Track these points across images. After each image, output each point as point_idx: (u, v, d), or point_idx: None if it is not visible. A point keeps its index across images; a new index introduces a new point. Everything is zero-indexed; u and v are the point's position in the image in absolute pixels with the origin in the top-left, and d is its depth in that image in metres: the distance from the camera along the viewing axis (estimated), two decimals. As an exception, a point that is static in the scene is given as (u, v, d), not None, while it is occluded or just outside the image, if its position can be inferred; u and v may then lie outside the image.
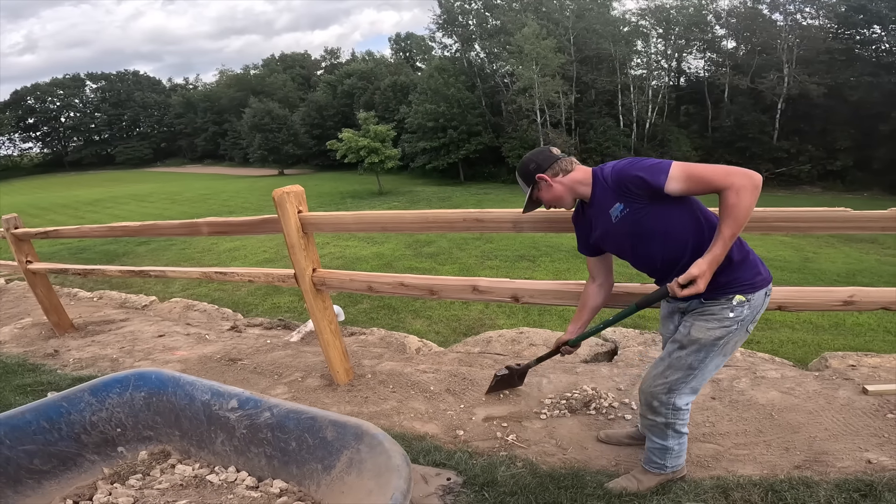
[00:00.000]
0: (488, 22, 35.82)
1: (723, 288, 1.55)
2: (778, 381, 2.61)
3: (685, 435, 1.77)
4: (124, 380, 1.67)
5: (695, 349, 1.59)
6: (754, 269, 1.59)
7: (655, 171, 1.49)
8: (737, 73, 31.33)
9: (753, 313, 1.57)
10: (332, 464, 1.31)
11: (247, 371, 3.26)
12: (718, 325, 1.56)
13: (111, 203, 26.29)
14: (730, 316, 1.55)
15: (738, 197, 1.39)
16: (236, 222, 2.93)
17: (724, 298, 1.55)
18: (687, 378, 1.63)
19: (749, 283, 1.56)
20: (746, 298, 1.55)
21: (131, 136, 67.91)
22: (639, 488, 1.79)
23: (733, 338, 1.58)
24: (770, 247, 12.88)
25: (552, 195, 1.67)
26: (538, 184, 1.67)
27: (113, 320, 4.76)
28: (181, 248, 13.01)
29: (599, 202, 1.62)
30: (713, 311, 1.57)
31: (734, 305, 1.54)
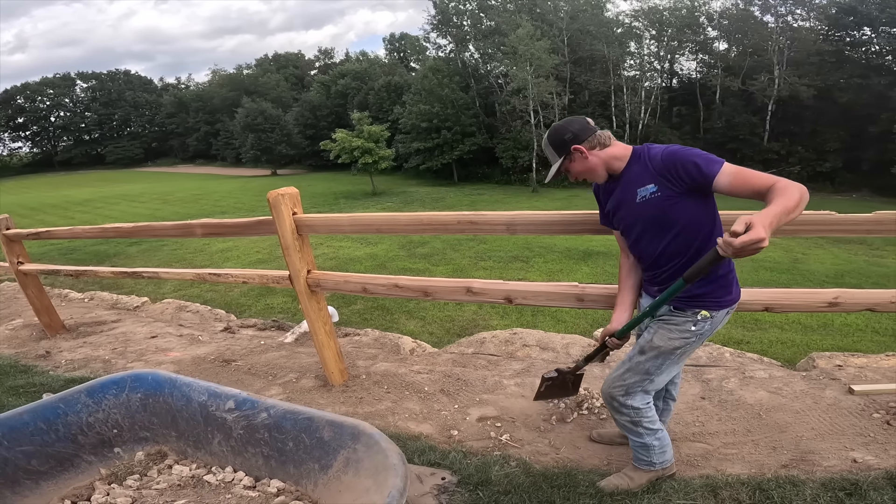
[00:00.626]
0: (483, 23, 35.90)
1: (693, 300, 1.58)
2: (766, 380, 2.66)
3: (660, 431, 1.81)
4: (121, 381, 1.67)
5: (653, 355, 1.65)
6: (728, 287, 1.61)
7: (710, 161, 1.46)
8: (728, 75, 31.60)
9: (713, 328, 1.62)
10: (330, 463, 1.32)
11: (241, 372, 3.27)
12: (679, 336, 1.61)
13: (101, 203, 26.06)
14: (691, 329, 1.59)
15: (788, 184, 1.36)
16: (231, 224, 2.93)
17: (690, 312, 1.59)
18: (643, 382, 1.69)
19: (717, 301, 1.59)
20: (710, 315, 1.59)
21: (122, 136, 67.32)
22: (630, 486, 1.82)
23: (689, 349, 1.65)
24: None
25: (586, 167, 1.62)
26: (572, 154, 1.61)
27: (105, 321, 4.74)
28: (173, 249, 12.94)
29: (630, 179, 1.59)
30: (677, 321, 1.61)
31: (698, 320, 1.59)
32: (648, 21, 33.61)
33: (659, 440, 1.81)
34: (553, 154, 1.64)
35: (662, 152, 1.54)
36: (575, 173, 1.65)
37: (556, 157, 1.63)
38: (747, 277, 10.09)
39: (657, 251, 1.61)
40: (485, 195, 26.91)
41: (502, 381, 2.82)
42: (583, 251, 11.98)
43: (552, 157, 1.65)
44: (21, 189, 41.17)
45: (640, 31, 34.21)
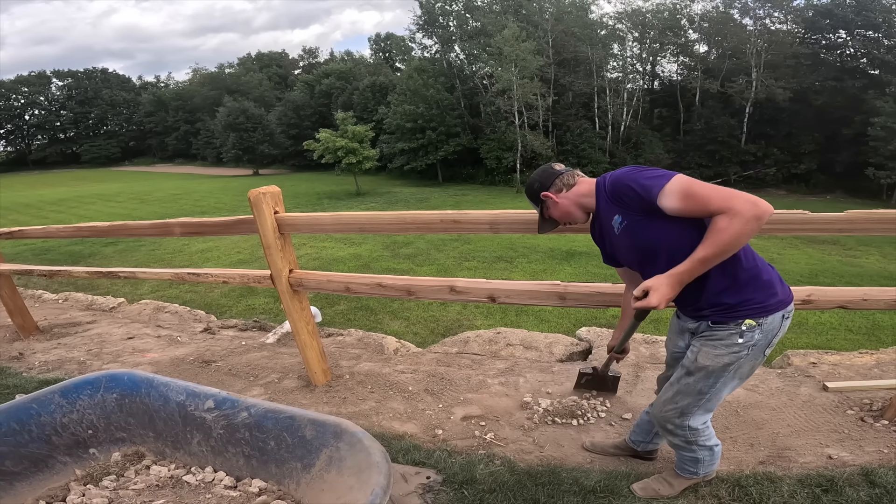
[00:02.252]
0: (468, 23, 35.99)
1: (731, 310, 1.46)
2: None
3: (717, 444, 1.74)
4: (95, 381, 1.65)
5: (703, 375, 1.53)
6: (768, 289, 1.47)
7: (650, 183, 1.40)
8: (708, 77, 32.20)
9: (768, 337, 1.47)
10: (312, 462, 1.32)
11: (221, 373, 3.22)
12: (727, 350, 1.47)
13: (76, 203, 25.42)
14: (739, 342, 1.46)
15: (729, 222, 1.28)
16: (210, 223, 2.88)
17: (733, 323, 1.46)
18: (698, 402, 1.58)
19: (760, 306, 1.45)
20: (757, 322, 1.44)
21: (98, 135, 65.84)
22: (670, 492, 1.78)
23: (746, 363, 1.50)
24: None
25: (560, 211, 1.65)
26: (545, 202, 1.65)
27: (79, 322, 4.63)
28: (150, 249, 12.69)
29: (604, 214, 1.56)
30: (720, 336, 1.48)
31: (743, 331, 1.45)
32: (631, 23, 34.07)
33: (712, 454, 1.74)
34: (533, 205, 1.72)
35: (609, 180, 1.52)
36: (557, 218, 1.68)
37: (535, 208, 1.72)
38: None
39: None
40: (469, 196, 26.97)
41: (486, 381, 2.83)
42: (566, 251, 12.09)
43: (534, 208, 1.73)
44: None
45: (623, 34, 34.68)
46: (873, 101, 26.10)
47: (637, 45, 35.31)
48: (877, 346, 5.53)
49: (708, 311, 1.50)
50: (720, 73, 31.78)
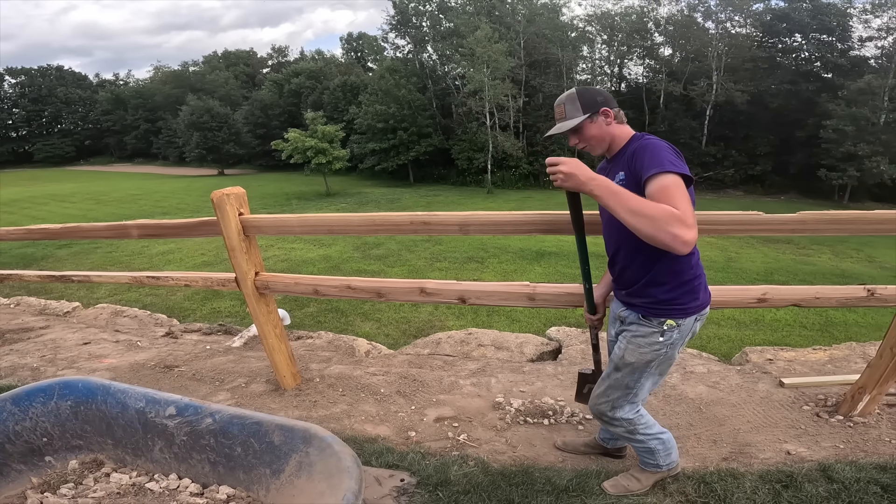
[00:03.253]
0: (442, 24, 36.06)
1: (659, 306, 1.57)
2: (705, 375, 2.79)
3: (663, 433, 1.81)
4: (48, 388, 1.60)
5: (629, 371, 1.65)
6: (694, 294, 1.58)
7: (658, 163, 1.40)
8: (671, 80, 33.17)
9: (683, 336, 1.60)
10: (281, 468, 1.30)
11: (185, 378, 3.11)
12: (649, 349, 1.60)
13: (28, 204, 24.20)
14: (659, 340, 1.58)
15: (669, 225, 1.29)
16: (171, 224, 2.78)
17: (656, 321, 1.58)
18: (626, 396, 1.70)
19: (682, 308, 1.57)
20: (677, 323, 1.57)
21: (52, 133, 63.04)
22: (639, 487, 1.83)
23: (665, 359, 1.63)
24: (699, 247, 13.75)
25: (600, 133, 1.57)
26: (597, 116, 1.55)
27: (32, 328, 4.40)
28: (107, 251, 12.20)
29: (616, 164, 1.58)
30: (643, 333, 1.60)
31: (665, 330, 1.57)
32: (601, 26, 34.78)
33: (663, 442, 1.81)
34: (577, 109, 1.55)
35: (644, 139, 1.52)
36: (586, 137, 1.58)
37: (578, 113, 1.55)
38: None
39: (617, 245, 1.62)
40: (440, 196, 27.00)
41: (458, 382, 2.83)
42: (536, 251, 12.24)
43: (574, 111, 1.55)
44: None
45: (592, 36, 35.37)
46: (826, 105, 27.38)
47: (605, 47, 36.13)
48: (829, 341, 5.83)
49: (639, 301, 1.61)
50: (683, 76, 32.80)
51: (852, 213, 1.91)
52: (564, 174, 1.41)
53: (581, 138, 1.58)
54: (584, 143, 1.59)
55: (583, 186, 1.40)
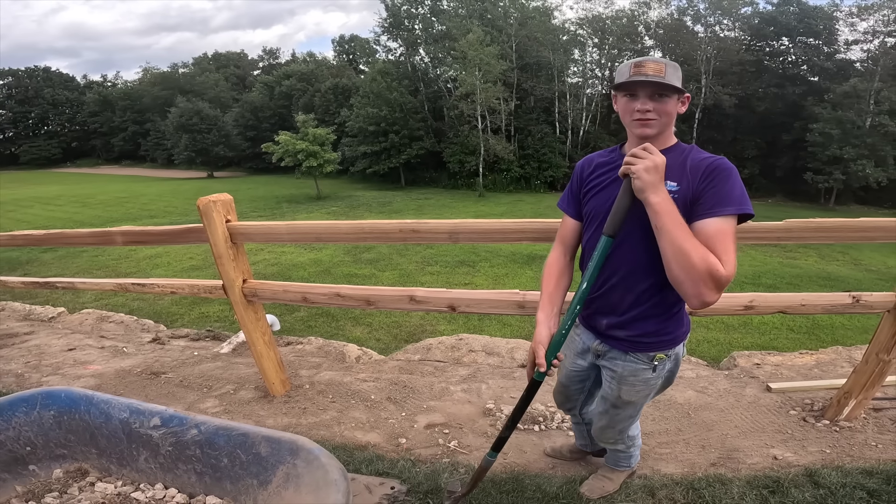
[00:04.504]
0: (434, 27, 36.12)
1: (647, 339, 1.45)
2: (694, 380, 2.81)
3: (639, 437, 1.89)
4: (30, 398, 1.59)
5: (629, 406, 1.59)
6: (680, 321, 1.49)
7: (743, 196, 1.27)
8: (661, 83, 33.51)
9: (676, 363, 1.54)
10: (269, 479, 1.29)
11: (172, 385, 3.07)
12: (644, 385, 1.52)
13: (13, 206, 23.81)
14: (651, 376, 1.50)
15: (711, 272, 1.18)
16: (156, 231, 2.74)
17: (646, 357, 1.47)
18: (632, 422, 1.71)
19: (671, 339, 1.47)
20: (667, 355, 1.48)
21: (38, 135, 62.28)
22: (614, 487, 1.88)
23: (663, 386, 1.59)
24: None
25: (673, 115, 1.36)
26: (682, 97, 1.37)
27: (16, 333, 4.33)
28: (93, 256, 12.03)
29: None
30: (634, 370, 1.49)
31: (656, 365, 1.48)
32: (592, 29, 35.06)
33: (638, 447, 1.88)
34: (678, 79, 1.35)
35: (712, 157, 1.35)
36: (664, 110, 1.34)
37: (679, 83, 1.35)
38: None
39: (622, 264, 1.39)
40: (432, 199, 27.00)
41: (449, 388, 2.82)
42: (527, 255, 12.27)
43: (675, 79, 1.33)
44: (-84, 190, 36.91)
45: (583, 39, 35.63)
46: (812, 108, 27.84)
47: (597, 50, 36.40)
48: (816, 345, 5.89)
49: (623, 334, 1.46)
50: (673, 80, 33.13)
51: (837, 221, 1.94)
52: (655, 164, 1.21)
53: (658, 108, 1.32)
54: (655, 114, 1.33)
55: (655, 189, 1.21)
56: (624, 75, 1.33)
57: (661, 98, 1.32)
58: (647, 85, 1.30)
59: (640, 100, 1.32)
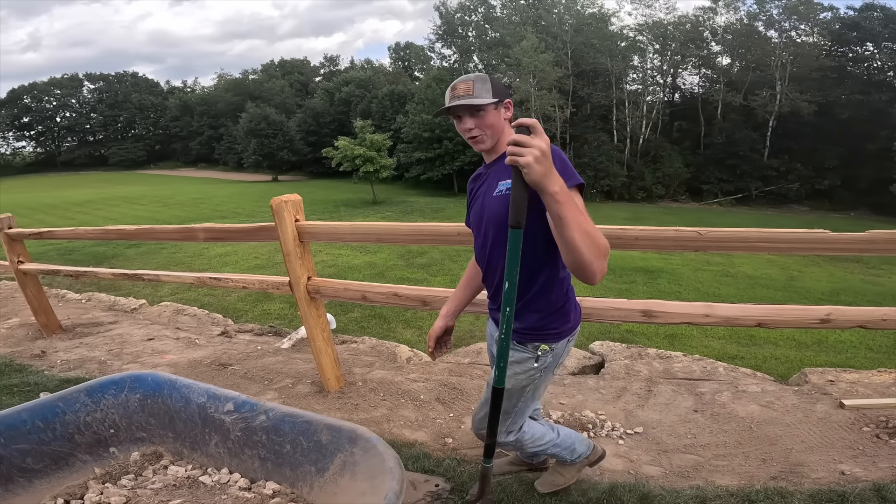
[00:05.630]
0: (487, 34, 36.29)
1: (534, 332, 1.51)
2: (758, 395, 2.68)
3: (555, 438, 1.80)
4: (120, 381, 1.67)
5: (506, 396, 1.56)
6: (566, 317, 1.54)
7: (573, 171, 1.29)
8: (730, 90, 31.92)
9: (556, 359, 1.57)
10: (326, 466, 1.33)
11: (237, 376, 3.28)
12: (525, 374, 1.55)
13: (101, 205, 26.05)
14: (534, 366, 1.54)
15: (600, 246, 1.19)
16: (233, 229, 2.96)
17: (531, 346, 1.53)
18: (506, 421, 1.63)
19: (556, 333, 1.53)
20: (550, 348, 1.53)
21: (126, 138, 67.61)
22: (565, 481, 1.90)
23: (541, 383, 1.59)
24: (757, 265, 13.07)
25: (499, 124, 1.42)
26: (503, 105, 1.43)
27: (101, 323, 4.74)
28: (171, 252, 12.92)
29: (497, 170, 1.45)
30: (519, 358, 1.54)
31: (539, 355, 1.53)
32: (652, 35, 33.98)
33: (558, 445, 1.82)
34: (487, 91, 1.39)
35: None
36: (485, 123, 1.40)
37: (488, 95, 1.39)
38: (742, 294, 10.12)
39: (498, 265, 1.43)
40: (484, 206, 26.91)
41: (498, 391, 2.84)
42: (581, 263, 12.00)
43: (483, 92, 1.38)
44: (22, 189, 41.20)
45: (643, 45, 34.57)
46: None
47: (658, 57, 35.17)
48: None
49: (516, 326, 1.51)
50: (743, 86, 31.49)
51: (925, 235, 1.81)
52: (542, 152, 1.11)
53: (479, 123, 1.39)
54: (479, 129, 1.40)
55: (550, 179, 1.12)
56: (446, 100, 1.41)
57: (478, 114, 1.39)
58: (461, 108, 1.38)
59: (464, 120, 1.41)
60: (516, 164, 1.13)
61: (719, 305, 2.04)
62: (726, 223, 2.33)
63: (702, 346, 6.55)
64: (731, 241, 1.94)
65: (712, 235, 1.91)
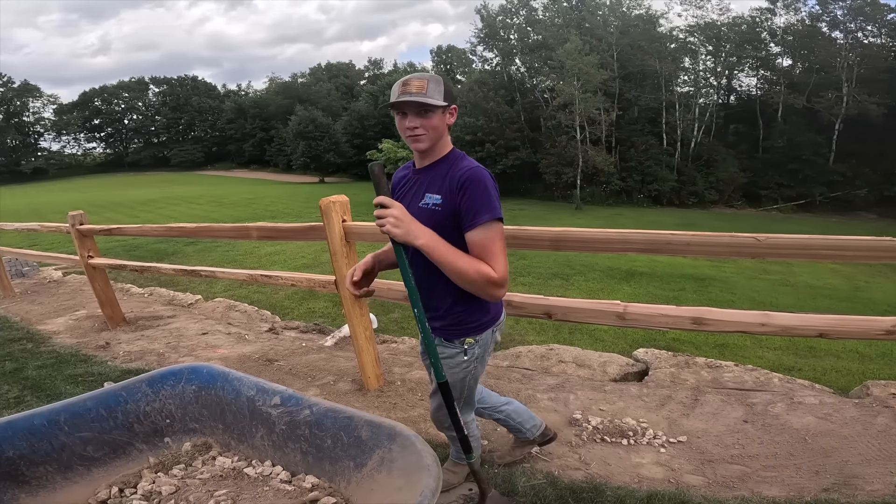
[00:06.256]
0: (530, 37, 35.87)
1: (456, 328, 1.62)
2: (815, 406, 2.56)
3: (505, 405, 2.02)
4: (178, 373, 1.73)
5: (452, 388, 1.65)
6: (484, 310, 1.62)
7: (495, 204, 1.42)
8: (792, 92, 30.24)
9: (485, 349, 1.67)
10: (364, 462, 1.35)
11: (282, 372, 3.40)
12: (459, 369, 1.65)
13: (163, 203, 27.59)
14: (465, 359, 1.64)
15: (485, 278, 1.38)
16: (284, 228, 3.09)
17: (458, 341, 1.63)
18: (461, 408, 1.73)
19: (477, 326, 1.62)
20: (475, 340, 1.63)
21: (186, 140, 70.75)
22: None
23: (474, 374, 1.70)
24: (819, 274, 12.32)
25: (441, 128, 1.47)
26: (449, 110, 1.48)
27: (161, 316, 5.02)
28: (225, 251, 13.53)
29: (429, 178, 1.51)
30: (449, 355, 1.64)
31: (466, 349, 1.63)
32: (705, 36, 32.66)
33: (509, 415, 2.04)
34: (440, 93, 1.44)
35: (473, 166, 1.46)
36: (430, 125, 1.45)
37: (439, 98, 1.43)
38: (802, 305, 9.56)
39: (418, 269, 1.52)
40: (526, 210, 26.72)
41: (535, 395, 2.82)
42: (626, 271, 11.70)
43: (436, 94, 1.43)
44: (92, 188, 44.20)
45: (695, 47, 33.28)
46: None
47: (711, 58, 33.76)
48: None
49: (439, 324, 1.63)
50: (806, 88, 29.75)
51: None
52: (397, 218, 1.33)
53: (425, 123, 1.44)
54: (422, 130, 1.44)
55: (413, 239, 1.34)
56: (395, 94, 1.44)
57: (427, 114, 1.43)
58: (412, 104, 1.41)
59: (409, 118, 1.44)
60: (380, 229, 1.35)
61: (777, 314, 1.95)
62: (786, 230, 2.23)
63: (755, 357, 6.24)
64: (792, 248, 1.85)
65: (772, 242, 1.83)
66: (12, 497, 1.38)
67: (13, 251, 6.27)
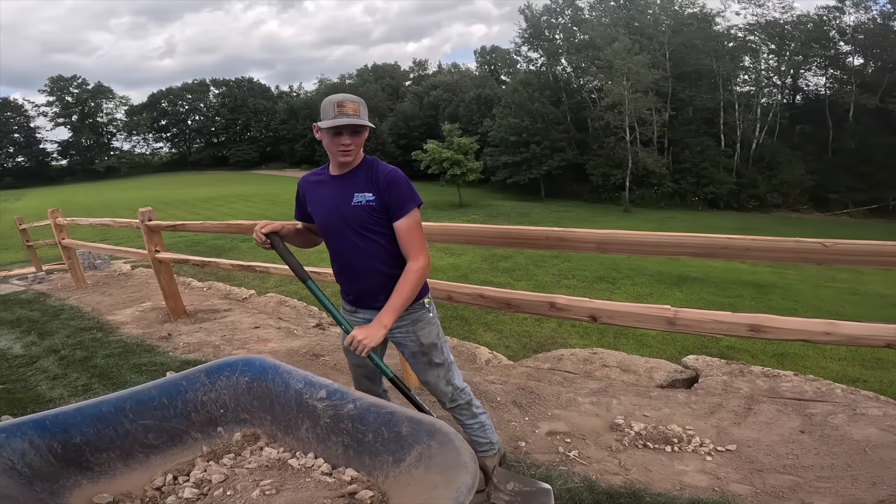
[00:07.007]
0: (576, 36, 35.15)
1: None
2: (879, 418, 2.41)
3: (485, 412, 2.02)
4: (233, 364, 1.79)
5: (436, 350, 1.85)
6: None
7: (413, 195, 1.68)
8: (864, 92, 28.22)
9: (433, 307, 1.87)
10: (403, 457, 1.37)
11: (327, 367, 3.51)
12: (431, 326, 1.83)
13: (222, 201, 28.97)
14: (430, 315, 1.83)
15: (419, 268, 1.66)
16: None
17: (418, 304, 1.79)
18: (450, 368, 1.90)
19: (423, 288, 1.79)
20: (428, 298, 1.83)
21: (243, 140, 73.33)
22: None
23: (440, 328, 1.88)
24: (891, 283, 11.45)
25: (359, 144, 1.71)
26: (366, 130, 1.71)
27: (218, 310, 5.28)
28: (277, 247, 14.10)
29: (354, 182, 1.71)
30: (419, 317, 1.80)
31: (427, 307, 1.82)
32: (766, 35, 30.96)
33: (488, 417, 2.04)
34: (367, 116, 1.70)
35: (389, 168, 1.72)
36: (359, 143, 1.70)
37: (367, 121, 1.70)
38: (871, 314, 8.91)
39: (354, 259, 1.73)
40: (572, 212, 26.26)
41: (577, 399, 2.79)
42: (677, 276, 11.30)
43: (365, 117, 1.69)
44: (158, 186, 46.99)
45: (756, 46, 31.60)
46: None
47: (774, 57, 31.95)
48: None
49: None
50: (879, 88, 27.67)
51: None
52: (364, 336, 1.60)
53: (355, 141, 1.68)
54: (354, 146, 1.68)
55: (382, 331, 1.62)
56: (329, 114, 1.63)
57: (358, 134, 1.67)
58: (349, 126, 1.63)
59: (344, 136, 1.64)
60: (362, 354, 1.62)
61: (843, 323, 1.82)
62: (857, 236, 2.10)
63: (817, 367, 5.90)
64: (862, 254, 1.73)
65: (840, 248, 1.71)
66: (74, 483, 1.43)
67: (87, 245, 6.78)
